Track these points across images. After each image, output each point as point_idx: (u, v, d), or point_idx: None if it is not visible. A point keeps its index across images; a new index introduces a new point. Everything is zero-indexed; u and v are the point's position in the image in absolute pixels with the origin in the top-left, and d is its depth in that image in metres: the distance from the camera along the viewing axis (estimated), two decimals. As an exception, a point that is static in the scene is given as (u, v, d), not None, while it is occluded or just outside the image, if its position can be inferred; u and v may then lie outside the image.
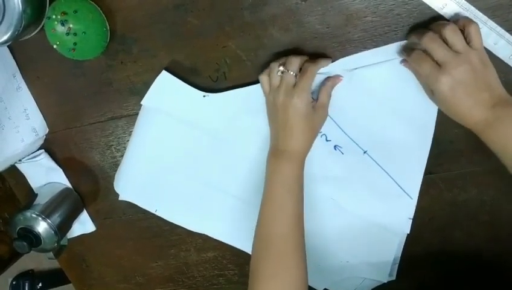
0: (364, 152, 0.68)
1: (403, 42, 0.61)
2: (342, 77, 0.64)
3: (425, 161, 0.67)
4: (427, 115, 0.64)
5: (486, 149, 0.64)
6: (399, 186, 0.68)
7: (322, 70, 0.63)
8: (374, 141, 0.67)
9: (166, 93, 0.70)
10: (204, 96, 0.69)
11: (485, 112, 0.55)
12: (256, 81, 0.66)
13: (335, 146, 0.68)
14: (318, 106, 0.63)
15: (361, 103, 0.65)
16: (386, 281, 0.75)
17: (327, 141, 0.68)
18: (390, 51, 0.62)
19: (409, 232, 0.71)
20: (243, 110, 0.69)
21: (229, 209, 0.77)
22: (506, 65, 0.59)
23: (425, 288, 0.78)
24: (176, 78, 0.69)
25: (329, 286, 0.79)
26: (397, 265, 0.74)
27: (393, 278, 0.75)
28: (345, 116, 0.66)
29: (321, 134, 0.68)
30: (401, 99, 0.64)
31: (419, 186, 0.68)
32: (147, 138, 0.74)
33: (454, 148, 0.66)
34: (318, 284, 0.79)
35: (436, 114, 0.64)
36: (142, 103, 0.71)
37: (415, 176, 0.68)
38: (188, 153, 0.74)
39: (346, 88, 0.64)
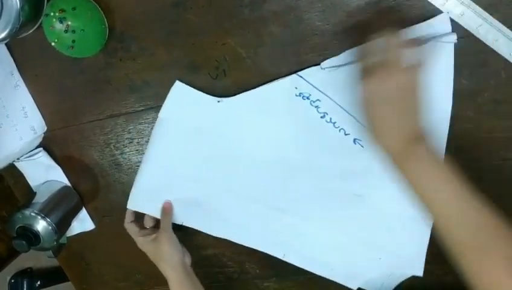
0: None
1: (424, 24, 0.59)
2: None
3: (445, 146, 0.65)
4: (443, 100, 0.63)
5: (486, 146, 0.65)
6: None
7: (331, 64, 0.63)
8: None
9: (182, 103, 0.70)
10: (218, 101, 0.69)
11: (399, 139, 0.53)
12: (263, 82, 0.67)
13: (354, 140, 0.67)
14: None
15: None
16: (421, 275, 0.73)
17: (346, 135, 0.67)
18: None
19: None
20: (258, 111, 0.68)
21: (250, 213, 0.76)
22: (507, 62, 0.59)
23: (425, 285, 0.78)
24: (189, 87, 0.69)
25: (362, 284, 0.78)
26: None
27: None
28: None
29: (339, 128, 0.67)
30: None
31: None
32: (164, 149, 0.74)
33: (454, 144, 0.66)
34: (352, 283, 0.78)
35: (451, 99, 0.63)
36: (159, 115, 0.72)
37: None
38: (207, 160, 0.74)
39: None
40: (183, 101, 0.70)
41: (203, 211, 0.77)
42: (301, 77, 0.65)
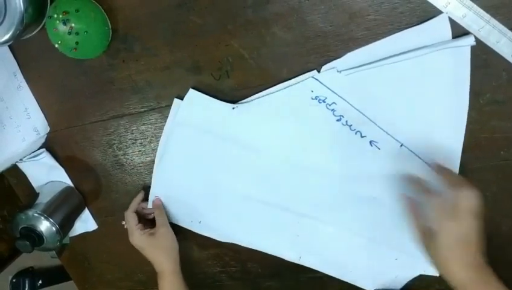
0: (401, 145, 0.67)
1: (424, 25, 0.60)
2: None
3: (461, 145, 0.65)
4: (459, 98, 0.63)
5: (488, 146, 0.65)
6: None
7: (346, 66, 0.64)
8: (409, 132, 0.66)
9: (196, 110, 0.71)
10: (233, 108, 0.69)
11: (469, 270, 0.56)
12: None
13: (371, 142, 0.67)
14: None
15: (393, 96, 0.64)
16: (438, 274, 0.72)
17: (362, 137, 0.67)
18: (409, 36, 0.61)
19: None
20: (274, 116, 0.69)
21: (267, 218, 0.76)
22: (509, 63, 0.60)
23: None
24: (203, 94, 0.69)
25: (379, 285, 0.78)
26: None
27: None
28: (378, 110, 0.65)
29: (355, 131, 0.67)
30: (432, 88, 0.63)
31: (458, 170, 0.67)
32: (179, 158, 0.75)
33: (455, 145, 0.67)
34: (369, 285, 0.79)
35: (468, 98, 0.63)
36: (173, 123, 0.72)
37: (454, 161, 0.66)
38: (223, 167, 0.74)
39: (375, 83, 0.64)
40: (197, 108, 0.70)
41: (219, 218, 0.79)
42: (317, 80, 0.65)
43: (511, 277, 0.73)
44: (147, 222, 0.80)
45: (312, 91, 0.66)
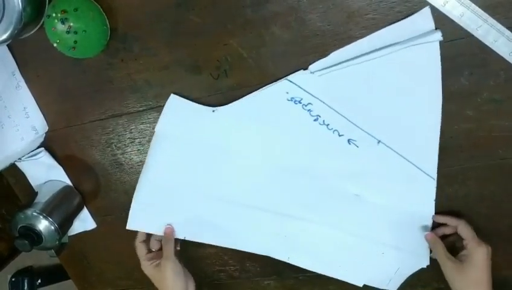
0: (379, 142, 0.67)
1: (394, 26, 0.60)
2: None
3: (438, 139, 0.66)
4: (432, 93, 0.63)
5: (485, 145, 0.65)
6: (419, 169, 0.68)
7: (319, 67, 0.64)
8: (386, 129, 0.67)
9: (177, 115, 0.71)
10: (213, 111, 0.69)
11: None
12: (260, 86, 0.68)
13: (348, 140, 0.68)
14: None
15: (367, 93, 0.65)
16: (425, 267, 0.74)
17: (340, 136, 0.68)
18: (385, 36, 0.61)
19: (434, 214, 0.71)
20: (252, 118, 0.69)
21: (253, 220, 0.77)
22: (506, 62, 0.60)
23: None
24: (184, 99, 0.70)
25: (369, 281, 0.79)
26: None
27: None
28: (353, 109, 0.66)
29: (332, 130, 0.68)
30: (404, 84, 0.63)
31: (437, 165, 0.68)
32: (162, 164, 0.75)
33: (454, 143, 0.67)
34: (358, 280, 0.79)
35: (441, 91, 0.63)
36: (155, 129, 0.73)
37: (431, 155, 0.67)
38: (206, 171, 0.74)
39: (349, 81, 0.64)
40: (178, 113, 0.71)
41: (205, 223, 0.78)
42: (291, 81, 0.66)
43: (511, 276, 0.74)
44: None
45: (287, 93, 0.66)
